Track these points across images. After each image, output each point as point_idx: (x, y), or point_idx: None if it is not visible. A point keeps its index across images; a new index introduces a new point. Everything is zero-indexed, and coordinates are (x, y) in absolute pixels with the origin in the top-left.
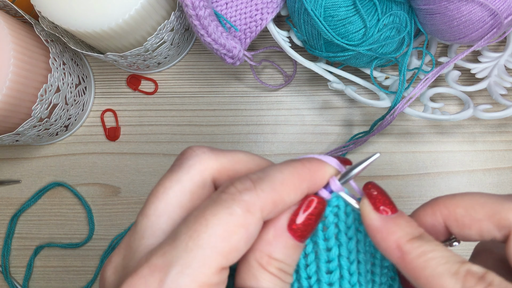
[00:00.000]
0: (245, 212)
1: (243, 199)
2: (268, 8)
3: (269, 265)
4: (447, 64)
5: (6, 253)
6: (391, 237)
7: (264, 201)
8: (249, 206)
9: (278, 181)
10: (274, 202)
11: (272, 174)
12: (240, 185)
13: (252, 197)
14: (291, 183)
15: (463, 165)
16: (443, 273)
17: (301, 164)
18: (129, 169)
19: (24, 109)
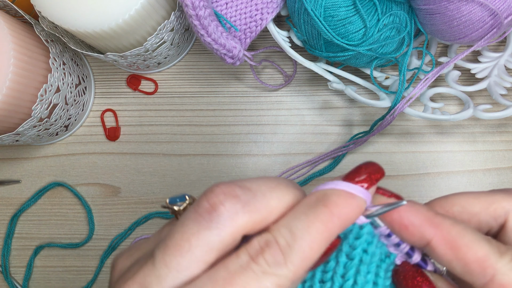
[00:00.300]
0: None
1: (274, 274)
2: (268, 8)
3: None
4: (447, 64)
5: (6, 253)
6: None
7: (294, 274)
8: (280, 281)
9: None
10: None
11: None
12: (271, 258)
13: (283, 272)
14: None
15: (463, 165)
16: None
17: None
18: (129, 169)
19: (24, 109)
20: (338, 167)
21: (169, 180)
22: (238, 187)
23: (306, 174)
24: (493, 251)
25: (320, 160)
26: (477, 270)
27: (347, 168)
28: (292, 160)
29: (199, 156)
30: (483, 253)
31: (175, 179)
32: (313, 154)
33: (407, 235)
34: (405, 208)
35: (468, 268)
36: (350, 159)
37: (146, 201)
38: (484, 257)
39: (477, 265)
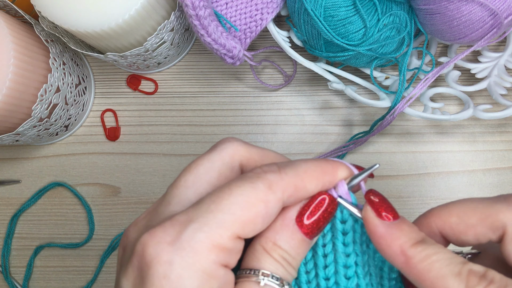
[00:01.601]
0: (267, 189)
1: (267, 178)
2: (268, 8)
3: (272, 250)
4: (447, 64)
5: (6, 253)
6: (395, 243)
7: (287, 183)
8: (271, 184)
9: (302, 169)
10: (295, 186)
11: (297, 163)
12: (266, 167)
13: (275, 177)
14: (314, 173)
15: (463, 165)
16: (447, 275)
17: (325, 160)
18: (129, 169)
19: (24, 109)
20: None
21: (169, 180)
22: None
23: None
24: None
25: None
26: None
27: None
28: None
29: None
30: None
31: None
32: (313, 154)
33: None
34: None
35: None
36: (350, 159)
37: (146, 201)
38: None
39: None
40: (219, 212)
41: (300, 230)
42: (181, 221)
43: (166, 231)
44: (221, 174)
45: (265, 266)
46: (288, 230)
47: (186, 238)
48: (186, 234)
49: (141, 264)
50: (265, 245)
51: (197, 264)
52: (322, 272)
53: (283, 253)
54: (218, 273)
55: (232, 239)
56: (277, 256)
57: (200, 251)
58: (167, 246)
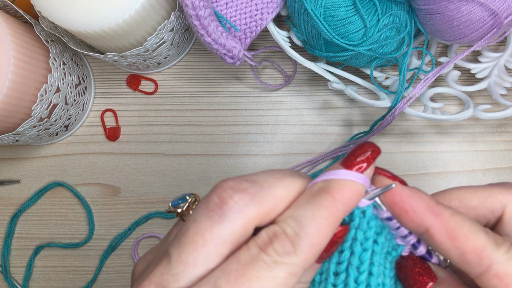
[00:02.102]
0: (288, 276)
1: (285, 262)
2: (268, 8)
3: None
4: (447, 64)
5: (6, 253)
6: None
7: (305, 261)
8: (291, 269)
9: (315, 233)
10: (314, 256)
11: (307, 224)
12: (280, 247)
13: (293, 260)
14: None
15: (463, 165)
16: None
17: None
18: (129, 169)
19: (24, 109)
20: None
21: (169, 180)
22: (245, 181)
23: (306, 174)
24: (490, 242)
25: (320, 160)
26: (474, 260)
27: None
28: (292, 160)
29: (199, 156)
30: (480, 244)
31: (175, 179)
32: (313, 154)
33: (407, 220)
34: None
35: (465, 258)
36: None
37: (146, 201)
38: (481, 248)
39: (474, 255)
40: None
41: None
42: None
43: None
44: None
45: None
46: None
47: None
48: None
49: None
50: None
51: None
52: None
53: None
54: None
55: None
56: None
57: None
58: None
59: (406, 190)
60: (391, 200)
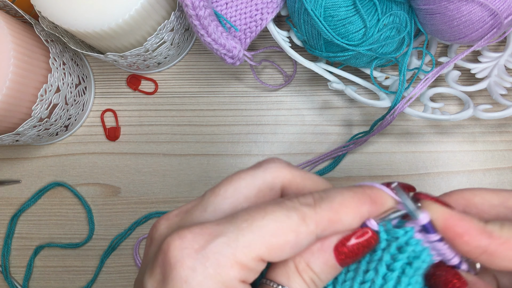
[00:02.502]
0: (300, 220)
1: (302, 210)
2: (268, 8)
3: (304, 272)
4: (447, 64)
5: (6, 253)
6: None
7: (320, 217)
8: (305, 217)
9: (337, 201)
10: (330, 220)
11: (333, 195)
12: (303, 199)
13: (310, 211)
14: (350, 205)
15: (463, 165)
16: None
17: (362, 190)
18: (129, 169)
19: (24, 109)
20: (338, 167)
21: (169, 180)
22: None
23: None
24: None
25: (320, 160)
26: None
27: (347, 168)
28: (292, 160)
29: (199, 156)
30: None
31: (175, 179)
32: (313, 154)
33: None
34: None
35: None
36: (350, 159)
37: (146, 201)
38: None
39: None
40: (249, 232)
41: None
42: (211, 232)
43: (195, 238)
44: (260, 192)
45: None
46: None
47: (212, 249)
48: (213, 246)
49: (165, 264)
50: (298, 264)
51: (218, 276)
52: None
53: (313, 276)
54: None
55: (256, 260)
56: (307, 277)
57: (223, 265)
58: (193, 252)
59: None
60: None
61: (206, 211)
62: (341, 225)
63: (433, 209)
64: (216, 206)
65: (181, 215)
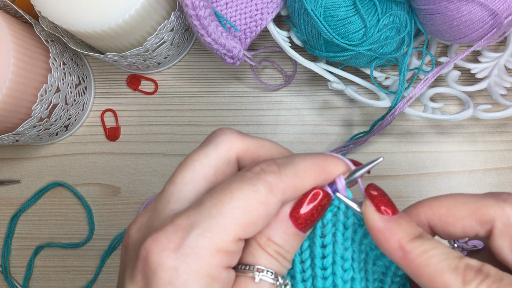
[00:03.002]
0: (268, 192)
1: (268, 180)
2: (268, 8)
3: (267, 246)
4: (447, 64)
5: (6, 253)
6: (393, 238)
7: (286, 185)
8: (272, 187)
9: (302, 168)
10: (295, 187)
11: (297, 161)
12: (266, 167)
13: (276, 179)
14: (313, 172)
15: (463, 165)
16: (444, 269)
17: (323, 157)
18: (129, 169)
19: (24, 109)
20: None
21: None
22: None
23: None
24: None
25: None
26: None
27: None
28: None
29: None
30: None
31: None
32: None
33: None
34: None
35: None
36: None
37: (146, 201)
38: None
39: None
40: (221, 216)
41: (293, 225)
42: (184, 226)
43: (170, 238)
44: (218, 169)
45: (260, 262)
46: (282, 225)
47: (189, 244)
48: (189, 240)
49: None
50: (260, 240)
51: (202, 269)
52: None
53: (278, 248)
54: (221, 275)
55: (234, 242)
56: (271, 251)
57: (204, 256)
58: (171, 253)
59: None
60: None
61: (169, 202)
62: (303, 191)
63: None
64: (178, 195)
65: (147, 214)
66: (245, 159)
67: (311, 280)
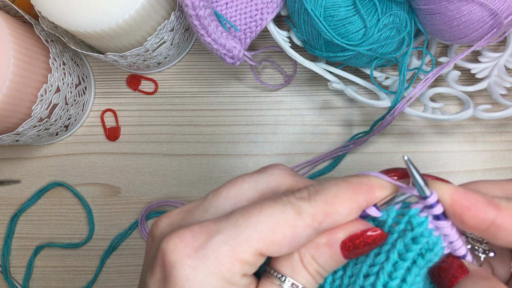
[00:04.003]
0: (296, 214)
1: (297, 204)
2: (268, 8)
3: (309, 264)
4: (447, 64)
5: (6, 253)
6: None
7: (316, 211)
8: (301, 211)
9: (332, 193)
10: (326, 213)
11: (328, 187)
12: (298, 193)
13: (304, 205)
14: (345, 196)
15: (463, 165)
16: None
17: (358, 179)
18: (129, 169)
19: (24, 109)
20: (338, 167)
21: (169, 180)
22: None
23: (306, 174)
24: None
25: (320, 160)
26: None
27: (347, 168)
28: (292, 160)
29: (199, 156)
30: None
31: (175, 179)
32: (313, 154)
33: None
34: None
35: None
36: (350, 159)
37: (146, 201)
38: None
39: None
40: (246, 228)
41: (341, 253)
42: (210, 229)
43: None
44: (263, 196)
45: (298, 278)
46: (331, 250)
47: (211, 247)
48: (211, 244)
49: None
50: (303, 257)
51: (219, 273)
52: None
53: (319, 269)
54: (239, 282)
55: (255, 256)
56: (312, 270)
57: (223, 262)
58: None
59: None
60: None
61: (207, 211)
62: (338, 216)
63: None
64: (218, 207)
65: (183, 214)
66: None
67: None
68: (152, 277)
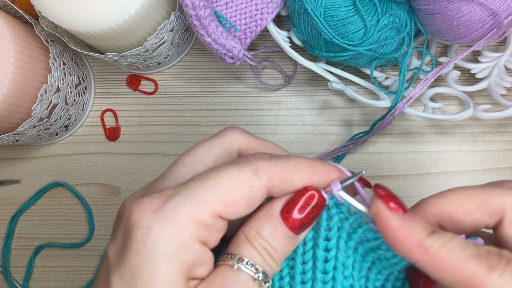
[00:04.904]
0: (253, 174)
1: (255, 164)
2: (268, 8)
3: (254, 239)
4: (447, 64)
5: (6, 253)
6: (411, 235)
7: (273, 172)
8: (258, 171)
9: (294, 163)
10: (282, 178)
11: (290, 157)
12: (258, 154)
13: (263, 165)
14: (305, 170)
15: (463, 165)
16: (467, 258)
17: (320, 162)
18: (129, 169)
19: (24, 109)
20: None
21: None
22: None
23: None
24: (481, 267)
25: None
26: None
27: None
28: None
29: None
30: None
31: None
32: (313, 154)
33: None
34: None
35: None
36: (350, 159)
37: None
38: (471, 276)
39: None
40: (203, 189)
41: (284, 224)
42: (168, 194)
43: (152, 201)
44: (218, 158)
45: (243, 253)
46: (272, 221)
47: (168, 208)
48: (168, 205)
49: (125, 229)
50: (248, 233)
51: (174, 234)
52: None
53: (264, 243)
54: (193, 246)
55: (212, 217)
56: (257, 244)
57: (179, 222)
58: (149, 213)
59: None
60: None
61: (166, 179)
62: (291, 185)
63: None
64: (176, 175)
65: (145, 188)
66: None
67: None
68: (113, 244)
